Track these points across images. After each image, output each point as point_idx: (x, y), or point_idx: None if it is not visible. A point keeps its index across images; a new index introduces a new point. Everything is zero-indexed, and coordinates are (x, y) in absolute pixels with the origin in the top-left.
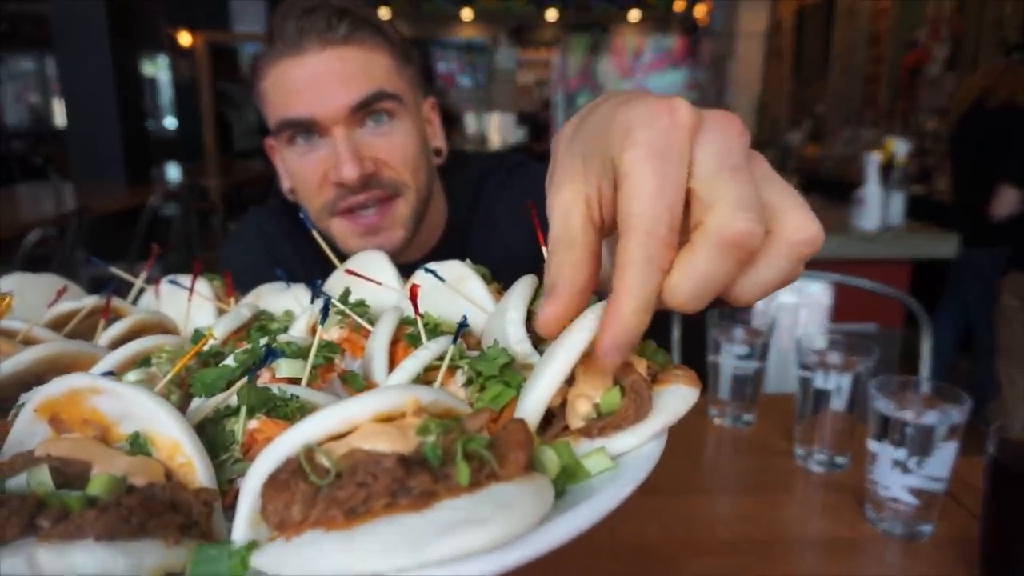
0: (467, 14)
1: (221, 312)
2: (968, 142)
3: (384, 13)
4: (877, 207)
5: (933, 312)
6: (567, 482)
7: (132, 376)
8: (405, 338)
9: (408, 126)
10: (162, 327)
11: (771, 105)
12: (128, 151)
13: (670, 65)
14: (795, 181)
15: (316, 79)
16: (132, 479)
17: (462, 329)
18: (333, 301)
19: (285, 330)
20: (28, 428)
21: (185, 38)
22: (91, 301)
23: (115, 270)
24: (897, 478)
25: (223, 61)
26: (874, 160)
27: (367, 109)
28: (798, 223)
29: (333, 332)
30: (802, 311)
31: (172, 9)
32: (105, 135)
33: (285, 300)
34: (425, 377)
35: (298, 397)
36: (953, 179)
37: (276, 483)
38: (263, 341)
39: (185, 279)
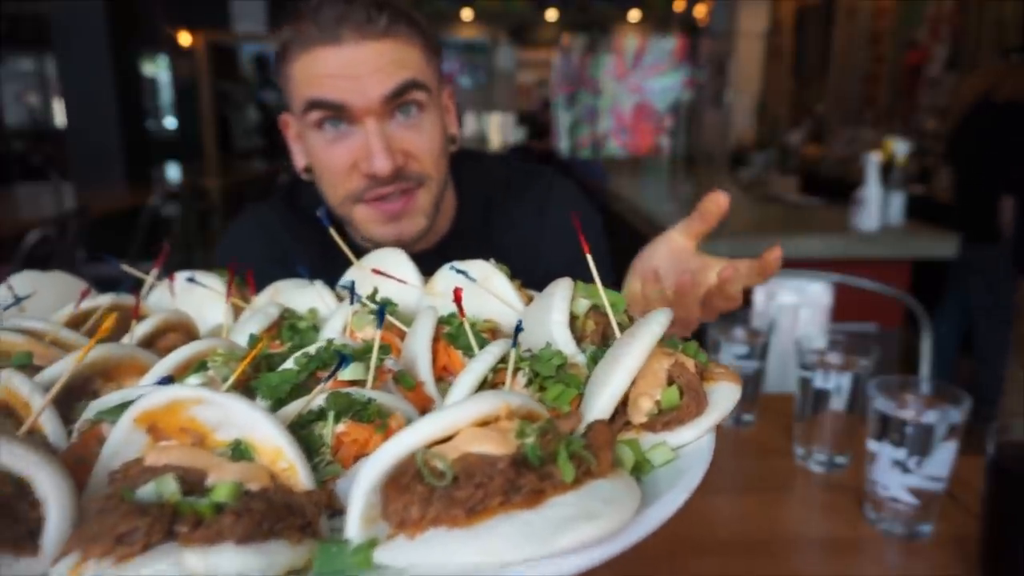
0: (467, 14)
1: (236, 308)
2: (969, 141)
3: None
4: (877, 207)
5: (933, 312)
6: (637, 474)
7: (193, 380)
8: (444, 337)
9: (434, 117)
10: (185, 326)
11: (771, 105)
12: (128, 151)
13: (670, 68)
14: (795, 181)
15: (352, 68)
16: (247, 485)
17: (518, 333)
18: (364, 300)
19: (315, 329)
20: (127, 437)
21: (185, 38)
22: (107, 300)
23: (127, 267)
24: (897, 478)
25: (223, 61)
26: (874, 160)
27: (399, 100)
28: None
29: (368, 331)
30: (802, 311)
31: (172, 9)
32: (105, 135)
33: (308, 298)
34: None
35: (374, 400)
36: (954, 178)
37: (396, 486)
38: (301, 342)
39: (203, 276)
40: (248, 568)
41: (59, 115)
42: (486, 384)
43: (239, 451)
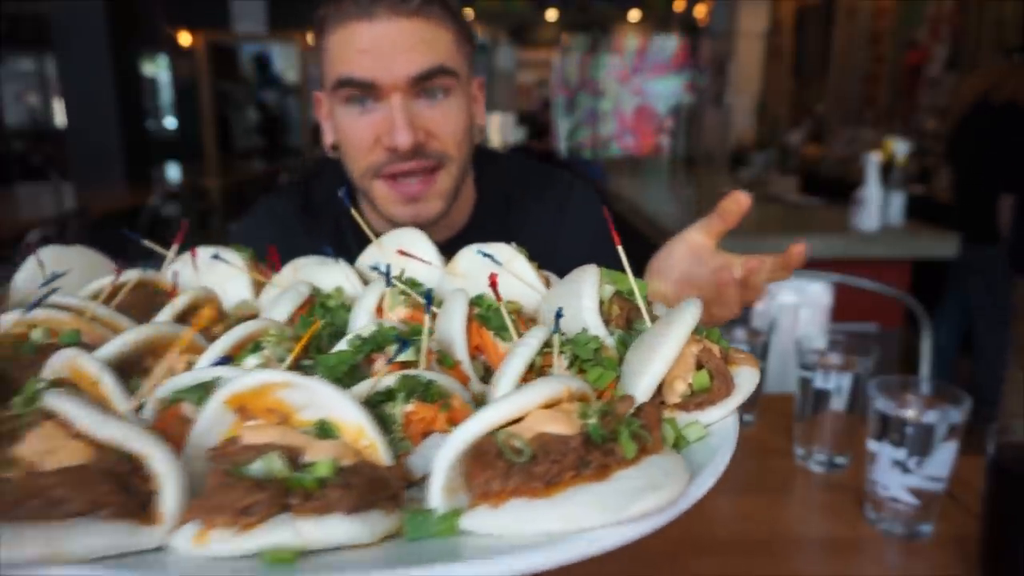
0: (467, 14)
1: (257, 284)
2: (969, 142)
3: None
4: (877, 207)
5: (933, 312)
6: (675, 449)
7: (252, 360)
8: (476, 318)
9: (460, 102)
10: (214, 302)
11: (771, 105)
12: (128, 151)
13: (670, 69)
14: (795, 181)
15: (382, 45)
16: (341, 461)
17: (559, 319)
18: (396, 282)
19: (344, 308)
20: (216, 417)
21: (185, 38)
22: (135, 275)
23: (148, 243)
24: (897, 478)
25: (223, 61)
26: (874, 160)
27: (426, 83)
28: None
29: (399, 311)
30: (802, 311)
31: (172, 9)
32: (105, 135)
33: (332, 276)
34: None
35: (434, 381)
36: (954, 178)
37: (478, 462)
38: (332, 320)
39: (226, 252)
40: (355, 536)
41: (59, 115)
42: (534, 367)
43: (324, 430)
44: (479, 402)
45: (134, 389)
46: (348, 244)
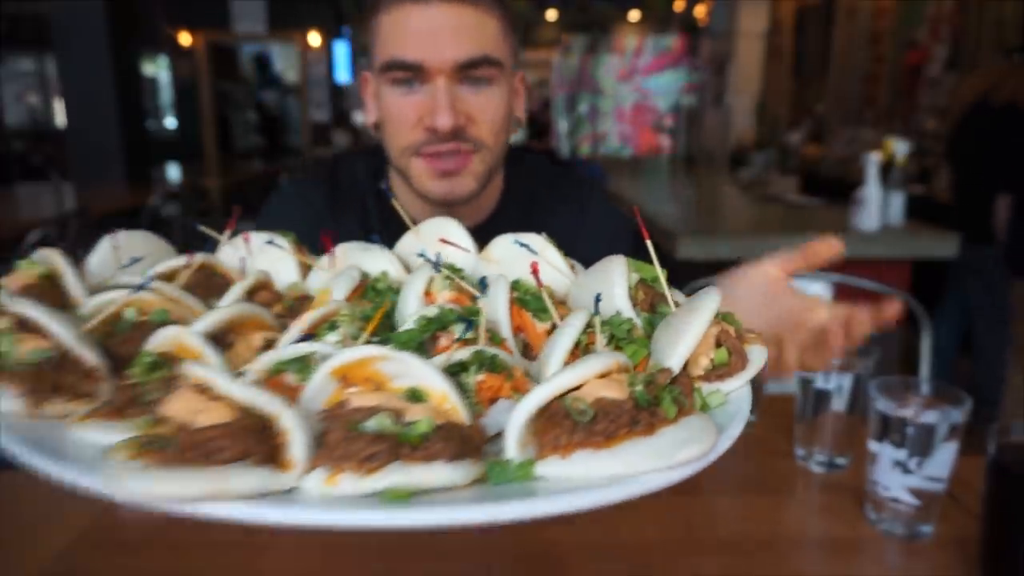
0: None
1: (304, 268)
2: (968, 142)
3: None
4: (877, 207)
5: (933, 312)
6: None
7: (331, 337)
8: (516, 301)
9: (502, 92)
10: (270, 284)
11: (771, 105)
12: (128, 151)
13: (670, 65)
14: (795, 181)
15: (432, 28)
16: (435, 420)
17: (598, 303)
18: (445, 270)
19: (392, 291)
20: (323, 385)
21: (185, 38)
22: (200, 258)
23: (205, 229)
24: (897, 478)
25: (223, 61)
26: (874, 160)
27: (470, 71)
28: None
29: (445, 294)
30: None
31: (172, 9)
32: (105, 135)
33: (379, 262)
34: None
35: (497, 355)
36: (953, 178)
37: (550, 420)
38: (382, 302)
39: (278, 239)
40: (454, 479)
41: (59, 115)
42: (579, 345)
43: (415, 395)
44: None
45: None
46: (373, 227)
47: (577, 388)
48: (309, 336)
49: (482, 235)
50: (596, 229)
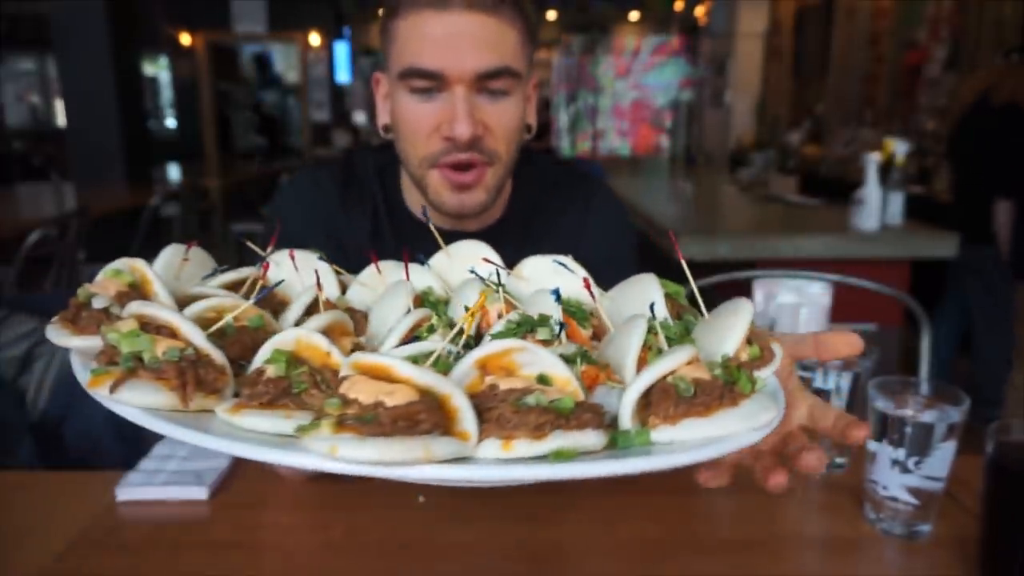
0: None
1: (341, 284)
2: (968, 142)
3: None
4: (877, 207)
5: (932, 312)
6: None
7: (436, 338)
8: (565, 312)
9: (518, 102)
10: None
11: (771, 105)
12: (128, 151)
13: (670, 57)
14: (795, 181)
15: (452, 37)
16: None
17: (653, 308)
18: (493, 285)
19: (443, 303)
20: (466, 372)
21: (185, 38)
22: (251, 272)
23: (250, 243)
24: (896, 478)
25: (223, 61)
26: (873, 160)
27: (489, 81)
28: None
29: (496, 306)
30: (802, 311)
31: (172, 9)
32: (105, 135)
33: (421, 278)
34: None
35: (587, 351)
36: (953, 179)
37: (662, 395)
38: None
39: (310, 255)
40: (594, 443)
41: (60, 115)
42: (646, 343)
43: (544, 380)
44: None
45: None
46: (383, 232)
47: (671, 373)
48: (415, 339)
49: (487, 240)
50: (599, 228)
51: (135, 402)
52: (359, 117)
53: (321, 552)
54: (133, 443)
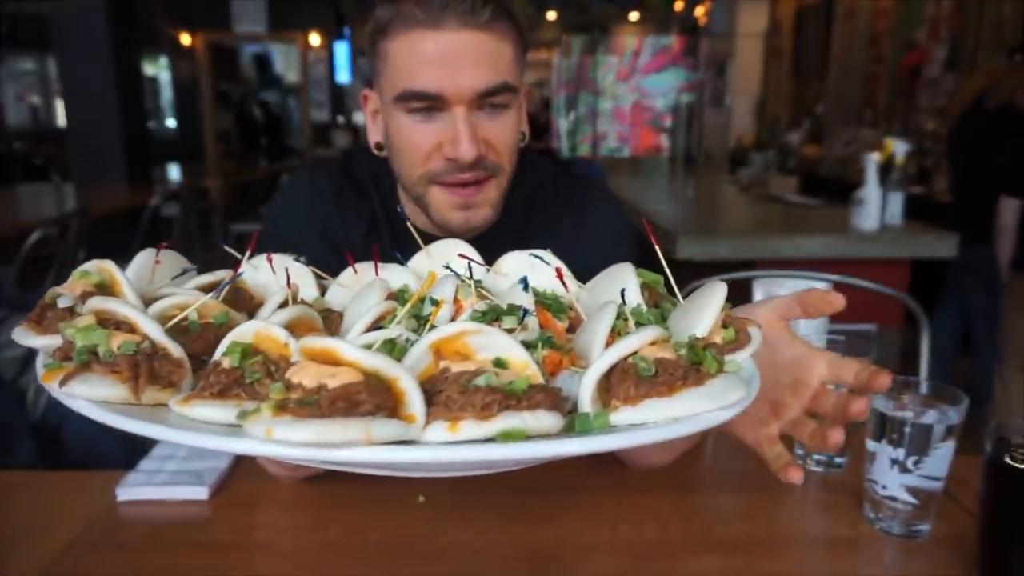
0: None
1: (320, 283)
2: (968, 141)
3: None
4: (876, 207)
5: (932, 312)
6: None
7: (398, 330)
8: (539, 304)
9: (515, 115)
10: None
11: (771, 105)
12: (128, 151)
13: (669, 64)
14: (795, 181)
15: (450, 56)
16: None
17: (624, 295)
18: (467, 281)
19: (420, 299)
20: (421, 356)
21: (185, 38)
22: (225, 274)
23: (228, 248)
24: (895, 477)
25: (223, 61)
26: (873, 160)
27: (488, 98)
28: None
29: (470, 300)
30: None
31: (172, 9)
32: (105, 135)
33: (399, 276)
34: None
35: (551, 337)
36: (952, 178)
37: (620, 377)
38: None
39: (291, 259)
40: (553, 425)
41: (60, 115)
42: (614, 329)
43: (500, 363)
44: None
45: None
46: (378, 232)
47: (633, 354)
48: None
49: (484, 244)
50: (596, 230)
51: (87, 395)
52: (359, 117)
53: (320, 552)
54: (133, 443)
